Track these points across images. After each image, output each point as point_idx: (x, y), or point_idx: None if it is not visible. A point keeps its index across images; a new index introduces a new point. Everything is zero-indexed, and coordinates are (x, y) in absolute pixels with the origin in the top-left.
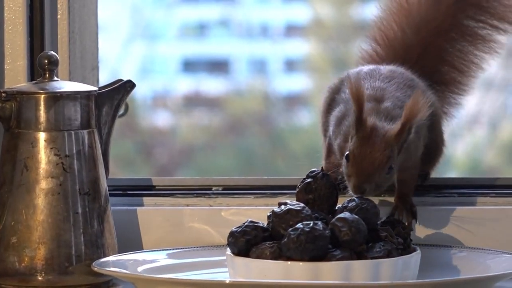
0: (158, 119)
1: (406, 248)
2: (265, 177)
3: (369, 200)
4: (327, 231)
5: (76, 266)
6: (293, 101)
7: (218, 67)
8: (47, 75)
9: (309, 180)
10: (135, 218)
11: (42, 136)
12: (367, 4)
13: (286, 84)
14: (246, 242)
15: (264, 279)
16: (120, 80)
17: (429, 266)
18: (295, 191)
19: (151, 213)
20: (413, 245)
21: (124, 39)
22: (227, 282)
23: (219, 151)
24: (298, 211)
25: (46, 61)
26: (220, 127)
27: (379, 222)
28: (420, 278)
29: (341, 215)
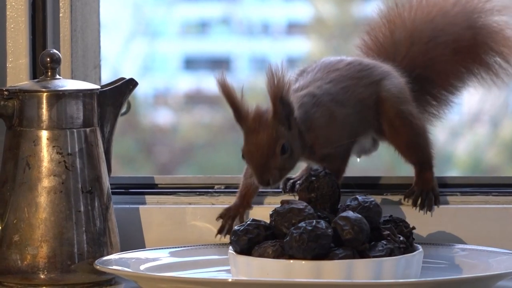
0: (159, 117)
1: (408, 246)
2: None
3: (371, 199)
4: (330, 230)
5: (78, 264)
6: None
7: (219, 65)
8: (49, 73)
9: (311, 178)
10: (137, 217)
11: (44, 134)
12: (368, 2)
13: None
14: (248, 241)
15: (266, 278)
16: (122, 78)
17: (431, 264)
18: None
19: (153, 211)
20: (415, 243)
21: (126, 37)
22: (230, 280)
23: (220, 149)
24: (300, 210)
25: (48, 59)
26: (221, 125)
27: (381, 220)
28: (422, 277)
29: (343, 213)
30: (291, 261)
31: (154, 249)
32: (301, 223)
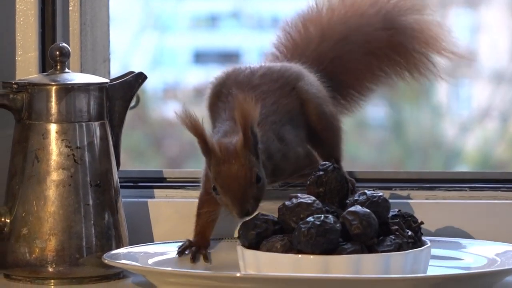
0: (168, 110)
1: (416, 241)
2: None
3: (380, 194)
4: (338, 225)
5: (87, 258)
6: None
7: (229, 58)
8: (59, 67)
9: (320, 173)
10: (146, 210)
11: (53, 127)
12: None
13: None
14: (256, 235)
15: (274, 272)
16: (131, 72)
17: (439, 260)
18: (306, 184)
19: (162, 205)
20: (423, 238)
21: (136, 31)
22: (238, 275)
23: None
24: (309, 204)
25: (58, 52)
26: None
27: (389, 215)
28: (431, 272)
29: (352, 208)
30: (299, 255)
31: (163, 243)
32: (309, 217)
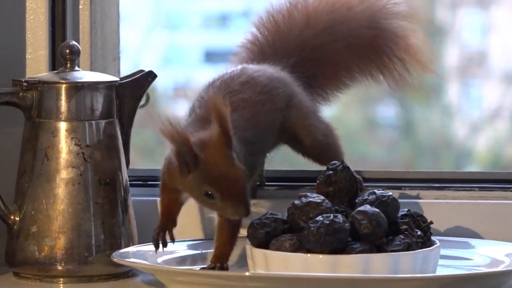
0: (179, 109)
1: (426, 241)
2: (285, 169)
3: (389, 193)
4: (347, 224)
5: (96, 256)
6: None
7: None
8: (69, 65)
9: (329, 172)
10: (155, 209)
11: (63, 126)
12: None
13: None
14: (265, 234)
15: (283, 272)
16: (141, 70)
17: (448, 259)
18: (315, 184)
19: None
20: (432, 238)
21: (146, 30)
22: (247, 274)
23: None
24: (318, 204)
25: (68, 51)
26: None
27: (399, 215)
28: (440, 272)
29: (361, 208)
30: (308, 255)
31: (172, 242)
32: (318, 217)
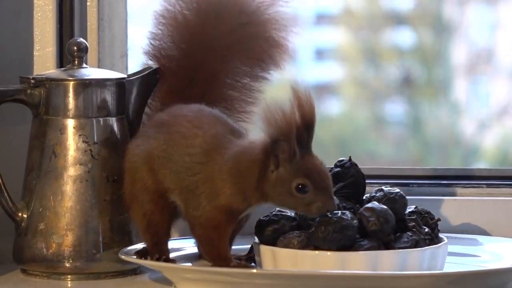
0: None
1: (433, 238)
2: None
3: (397, 190)
4: (355, 221)
5: (104, 253)
6: (322, 90)
7: None
8: (76, 62)
9: (337, 169)
10: None
11: (70, 123)
12: None
13: (315, 73)
14: (273, 231)
15: (291, 269)
16: (149, 67)
17: (456, 256)
18: None
19: None
20: (440, 235)
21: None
22: (255, 271)
23: None
24: None
25: (75, 48)
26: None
27: (406, 212)
28: (447, 269)
29: (369, 205)
30: (316, 252)
31: (179, 238)
32: (326, 214)
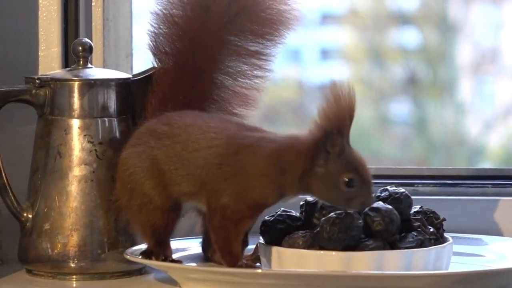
0: None
1: (438, 238)
2: None
3: (402, 190)
4: (360, 221)
5: (109, 253)
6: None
7: None
8: (81, 62)
9: None
10: None
11: (75, 123)
12: None
13: (321, 73)
14: (278, 231)
15: (296, 269)
16: (154, 67)
17: (461, 256)
18: None
19: None
20: (445, 235)
21: None
22: (260, 271)
23: None
24: None
25: (80, 48)
26: (253, 115)
27: (411, 212)
28: (453, 269)
29: (374, 205)
30: (322, 252)
31: (185, 238)
32: (331, 214)
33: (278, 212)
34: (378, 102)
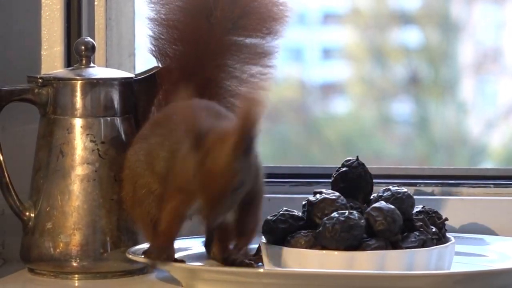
0: None
1: (441, 238)
2: (300, 165)
3: (404, 190)
4: (362, 221)
5: (111, 253)
6: (329, 89)
7: None
8: (84, 62)
9: (344, 169)
10: None
11: (78, 122)
12: None
13: (322, 72)
14: (281, 231)
15: (299, 268)
16: (157, 67)
17: (463, 256)
18: (330, 180)
19: None
20: (447, 235)
21: None
22: (262, 270)
23: None
24: (333, 200)
25: (83, 47)
26: None
27: (414, 211)
28: (455, 269)
29: (376, 204)
30: (324, 251)
31: (186, 238)
32: (333, 213)
33: (280, 212)
34: (380, 101)
